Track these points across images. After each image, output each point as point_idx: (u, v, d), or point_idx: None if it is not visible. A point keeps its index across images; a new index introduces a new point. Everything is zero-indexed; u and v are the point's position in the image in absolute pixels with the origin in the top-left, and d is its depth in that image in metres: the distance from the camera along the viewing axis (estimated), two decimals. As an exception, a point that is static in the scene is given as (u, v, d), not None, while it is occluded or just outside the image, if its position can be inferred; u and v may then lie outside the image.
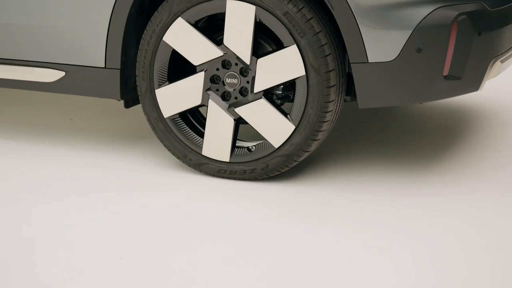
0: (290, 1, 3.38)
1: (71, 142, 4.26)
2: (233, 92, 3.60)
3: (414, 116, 4.77)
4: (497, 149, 4.16)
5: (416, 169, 3.84)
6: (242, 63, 3.54)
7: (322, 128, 3.49)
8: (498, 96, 5.19)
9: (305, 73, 3.42)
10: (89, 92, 3.86)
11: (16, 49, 3.91)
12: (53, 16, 3.77)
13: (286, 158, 3.57)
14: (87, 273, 2.85)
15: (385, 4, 3.28)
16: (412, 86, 3.36)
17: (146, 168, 3.87)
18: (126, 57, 3.76)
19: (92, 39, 3.73)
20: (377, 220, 3.29)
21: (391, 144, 4.23)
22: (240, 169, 3.65)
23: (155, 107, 3.71)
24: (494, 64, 3.45)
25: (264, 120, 3.55)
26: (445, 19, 3.27)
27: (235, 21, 3.48)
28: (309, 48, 3.39)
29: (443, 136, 4.38)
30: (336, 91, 3.46)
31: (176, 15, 3.56)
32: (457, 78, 3.36)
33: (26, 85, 3.97)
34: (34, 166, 3.91)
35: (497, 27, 3.42)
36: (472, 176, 3.76)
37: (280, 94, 3.60)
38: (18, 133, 4.41)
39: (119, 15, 3.64)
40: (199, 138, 3.70)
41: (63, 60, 3.84)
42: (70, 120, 4.69)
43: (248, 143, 3.67)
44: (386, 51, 3.31)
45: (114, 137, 4.34)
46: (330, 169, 3.84)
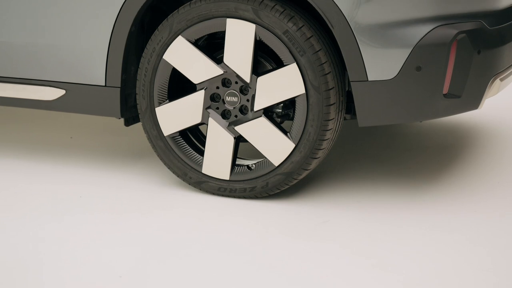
0: (290, 20, 3.39)
1: (71, 160, 4.26)
2: (233, 110, 3.60)
3: (413, 134, 4.77)
4: (497, 167, 4.16)
5: (416, 187, 3.84)
6: (242, 81, 3.55)
7: (322, 146, 3.49)
8: (498, 114, 5.20)
9: (305, 91, 3.43)
10: (89, 110, 3.86)
11: (17, 67, 3.92)
12: (53, 34, 3.78)
13: (286, 176, 3.57)
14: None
15: (385, 22, 3.29)
16: (412, 104, 3.36)
17: (146, 186, 3.87)
18: (126, 75, 3.77)
19: (92, 57, 3.74)
20: (376, 239, 3.28)
21: (391, 162, 4.23)
22: (240, 187, 3.65)
23: (155, 125, 3.72)
24: (494, 82, 3.46)
25: (264, 138, 3.55)
26: (445, 37, 3.28)
27: (235, 39, 3.49)
28: (309, 66, 3.40)
29: (443, 154, 4.38)
30: (336, 109, 3.46)
31: (176, 33, 3.57)
32: (456, 96, 3.36)
33: (27, 103, 3.97)
34: (34, 183, 3.90)
35: (496, 45, 3.43)
36: (472, 194, 3.76)
37: (280, 112, 3.60)
38: (18, 151, 4.41)
39: (119, 33, 3.65)
40: (199, 156, 3.70)
41: (64, 78, 3.84)
42: (70, 138, 4.70)
43: (248, 161, 3.67)
44: (385, 70, 3.32)
45: (114, 155, 4.34)
46: (330, 188, 3.84)
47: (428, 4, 3.29)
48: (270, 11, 3.40)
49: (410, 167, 4.15)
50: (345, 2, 3.29)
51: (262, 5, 3.41)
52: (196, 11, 3.52)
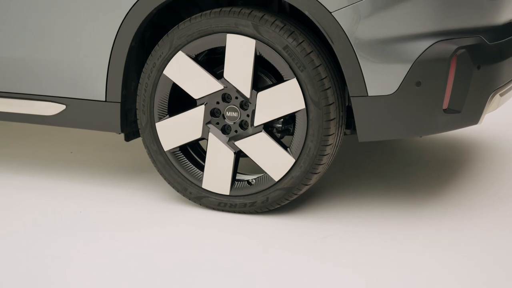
0: (290, 35, 3.40)
1: (71, 175, 4.26)
2: (233, 125, 3.60)
3: (413, 149, 4.77)
4: (497, 182, 4.16)
5: (416, 202, 3.84)
6: (242, 97, 3.55)
7: (322, 161, 3.49)
8: (498, 129, 5.20)
9: (305, 106, 3.43)
10: (89, 125, 3.86)
11: (17, 82, 3.93)
12: (53, 50, 3.79)
13: (286, 191, 3.57)
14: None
15: (385, 38, 3.30)
16: (412, 119, 3.36)
17: (146, 201, 3.86)
18: (126, 91, 3.77)
19: (92, 73, 3.74)
20: (376, 255, 3.27)
21: (391, 177, 4.23)
22: (240, 202, 3.65)
23: (155, 140, 3.72)
24: (494, 97, 3.47)
25: (264, 154, 3.55)
26: (445, 53, 3.28)
27: (235, 54, 3.49)
28: (309, 81, 3.40)
29: (443, 169, 4.38)
30: (336, 125, 3.46)
31: (176, 48, 3.58)
32: (456, 112, 3.37)
33: (27, 119, 3.98)
34: (34, 199, 3.90)
35: (496, 60, 3.44)
36: (472, 210, 3.75)
37: (280, 127, 3.60)
38: (18, 166, 4.41)
39: (120, 48, 3.66)
40: (199, 171, 3.70)
41: (64, 93, 3.85)
42: (70, 153, 4.70)
43: (248, 176, 3.67)
44: (385, 85, 3.33)
45: (114, 170, 4.34)
46: (330, 203, 3.83)
47: (428, 19, 3.30)
48: (270, 27, 3.41)
49: (410, 182, 4.15)
50: (345, 17, 3.30)
51: (262, 20, 3.42)
52: (196, 26, 3.53)
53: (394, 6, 3.28)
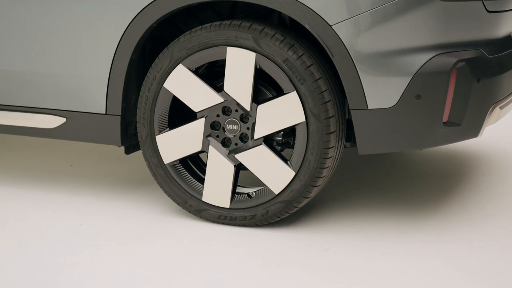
0: (290, 48, 3.41)
1: (71, 188, 4.26)
2: (234, 138, 3.61)
3: (413, 162, 4.77)
4: (498, 195, 4.16)
5: (416, 215, 3.84)
6: (242, 110, 3.56)
7: (322, 174, 3.49)
8: (498, 141, 5.20)
9: (305, 119, 3.43)
10: (89, 138, 3.87)
11: (17, 95, 3.93)
12: (54, 63, 3.80)
13: (286, 204, 3.57)
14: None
15: (385, 51, 3.30)
16: (412, 132, 3.37)
17: (146, 214, 3.86)
18: (126, 104, 3.78)
19: (93, 86, 3.75)
20: (376, 268, 3.27)
21: (391, 190, 4.23)
22: (240, 215, 3.65)
23: (155, 153, 3.72)
24: (493, 110, 3.47)
25: (264, 166, 3.55)
26: (444, 66, 3.29)
27: (235, 67, 3.50)
28: (309, 94, 3.41)
29: (443, 182, 4.38)
30: (336, 137, 3.47)
31: (176, 62, 3.59)
32: (456, 125, 3.37)
33: (27, 131, 3.98)
34: (34, 212, 3.90)
35: (496, 73, 3.44)
36: (473, 223, 3.75)
37: (280, 140, 3.60)
38: (18, 179, 4.41)
39: (120, 62, 3.67)
40: (199, 184, 3.70)
41: (64, 106, 3.85)
42: (70, 165, 4.70)
43: (248, 189, 3.67)
44: (385, 98, 3.33)
45: (114, 183, 4.34)
46: (330, 216, 3.83)
47: (428, 32, 3.31)
48: (270, 40, 3.42)
49: (410, 195, 4.15)
50: (345, 30, 3.31)
51: (263, 33, 3.43)
52: (197, 39, 3.53)
53: (394, 19, 3.28)
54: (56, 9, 3.73)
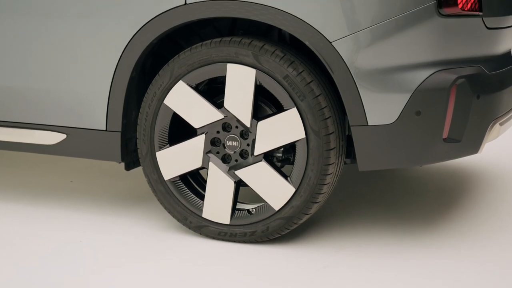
0: (290, 65, 3.42)
1: (72, 204, 4.25)
2: (234, 154, 3.61)
3: (413, 178, 4.77)
4: (498, 212, 4.15)
5: (416, 232, 3.83)
6: (242, 126, 3.56)
7: (322, 190, 3.49)
8: (498, 158, 5.20)
9: (305, 135, 3.44)
10: (90, 154, 3.87)
11: (17, 111, 3.93)
12: (54, 79, 3.80)
13: (287, 221, 3.56)
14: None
15: (384, 67, 3.31)
16: (412, 148, 3.37)
17: (146, 230, 3.86)
18: (127, 120, 3.78)
19: (93, 102, 3.75)
20: (376, 285, 3.26)
21: (391, 206, 4.22)
22: (241, 231, 3.64)
23: (155, 169, 3.72)
24: (493, 126, 3.47)
25: (264, 183, 3.55)
26: (444, 82, 3.29)
27: (235, 84, 3.50)
28: (309, 111, 3.41)
29: (443, 198, 4.38)
30: (336, 154, 3.47)
31: (177, 78, 3.59)
32: (456, 141, 3.37)
33: (27, 148, 3.98)
34: (34, 228, 3.89)
35: (496, 90, 3.45)
36: (473, 240, 3.74)
37: (281, 156, 3.61)
38: (17, 195, 4.40)
39: (120, 78, 3.67)
40: (200, 200, 3.70)
41: (64, 122, 3.86)
42: (70, 182, 4.70)
43: (249, 206, 3.67)
44: (385, 114, 3.33)
45: (114, 199, 4.34)
46: (330, 232, 3.83)
47: (428, 49, 3.32)
48: (270, 56, 3.43)
49: (410, 211, 4.14)
50: (345, 47, 3.31)
51: (263, 50, 3.44)
52: (197, 56, 3.54)
53: (393, 36, 3.29)
54: (56, 25, 3.74)
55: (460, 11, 3.32)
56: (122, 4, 3.60)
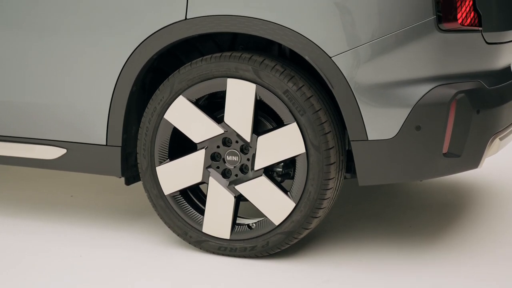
0: (290, 80, 3.42)
1: (72, 219, 4.25)
2: (234, 169, 3.61)
3: (414, 192, 4.77)
4: (499, 227, 4.15)
5: (417, 247, 3.83)
6: (242, 141, 3.56)
7: (322, 205, 3.49)
8: (498, 173, 5.20)
9: (305, 150, 3.44)
10: (90, 169, 3.87)
11: (18, 126, 3.94)
12: (54, 94, 3.81)
13: (287, 236, 3.56)
14: None
15: (384, 82, 3.31)
16: (412, 163, 3.37)
17: (146, 245, 3.85)
18: (127, 135, 3.78)
19: (93, 117, 3.76)
20: (379, 298, 3.26)
21: (392, 221, 4.22)
22: (241, 246, 3.64)
23: (155, 184, 3.72)
24: (493, 141, 3.47)
25: (264, 198, 3.55)
26: (444, 97, 3.30)
27: (235, 99, 3.51)
28: (309, 126, 3.41)
29: (444, 212, 4.37)
30: (336, 169, 3.47)
31: (177, 93, 3.60)
32: (456, 156, 3.37)
33: (27, 162, 3.98)
34: (34, 243, 3.89)
35: (495, 105, 3.45)
36: (474, 255, 3.73)
37: (281, 171, 3.61)
38: (18, 210, 4.40)
39: (120, 93, 3.68)
40: (200, 215, 3.70)
41: (64, 137, 3.86)
42: (70, 196, 4.69)
43: (249, 220, 3.66)
44: (385, 129, 3.34)
45: (114, 214, 4.34)
46: (331, 247, 3.82)
47: (427, 64, 3.32)
48: (270, 71, 3.43)
49: (411, 226, 4.14)
50: (345, 62, 3.32)
51: (263, 65, 3.44)
52: (197, 71, 3.55)
53: (393, 50, 3.30)
54: (56, 41, 3.75)
55: (459, 26, 3.32)
56: (122, 19, 3.61)
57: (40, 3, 3.75)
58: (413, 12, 3.28)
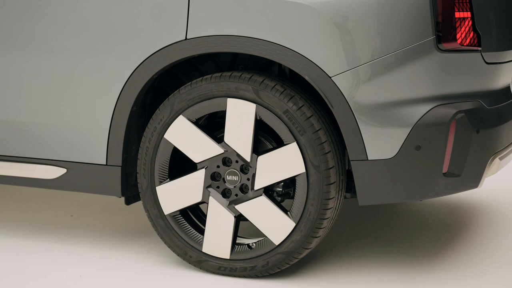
0: (290, 100, 3.43)
1: (71, 238, 4.24)
2: (234, 189, 3.61)
3: (414, 212, 4.76)
4: (499, 247, 4.14)
5: (417, 267, 3.82)
6: (242, 161, 3.56)
7: (322, 225, 3.49)
8: (498, 192, 5.20)
9: (305, 170, 3.44)
10: (90, 189, 3.87)
11: (18, 146, 3.94)
12: (54, 114, 3.81)
13: (287, 255, 3.55)
14: None
15: (384, 102, 3.32)
16: (412, 183, 3.37)
17: (146, 265, 3.84)
18: (127, 154, 3.79)
19: (94, 137, 3.76)
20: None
21: (392, 240, 4.21)
22: (241, 266, 3.63)
23: (155, 204, 3.72)
24: (493, 161, 3.48)
25: (264, 217, 3.55)
26: (444, 117, 3.30)
27: (235, 119, 3.51)
28: (309, 145, 3.42)
29: (444, 232, 4.37)
30: (336, 188, 3.47)
31: (177, 113, 3.60)
32: (456, 175, 3.37)
33: (28, 182, 3.98)
34: (34, 263, 3.88)
35: (495, 124, 3.46)
36: (474, 275, 3.73)
37: (281, 191, 3.60)
38: (17, 230, 4.40)
39: (121, 113, 3.68)
40: (199, 235, 3.69)
41: (65, 157, 3.86)
42: (70, 216, 4.69)
43: (249, 240, 3.66)
44: (385, 149, 3.34)
45: (114, 234, 4.33)
46: (331, 266, 3.81)
47: (427, 84, 3.33)
48: (270, 91, 3.44)
49: (411, 245, 4.13)
50: (345, 82, 3.33)
51: (263, 85, 3.45)
52: (197, 91, 3.56)
53: (393, 70, 3.31)
54: (56, 61, 3.76)
55: (459, 46, 3.33)
56: (123, 39, 3.62)
57: (40, 23, 3.76)
58: (413, 32, 3.30)
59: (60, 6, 3.73)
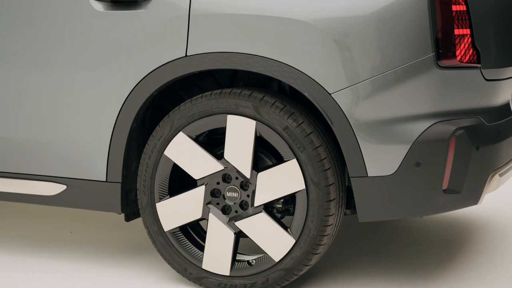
0: (290, 116, 3.43)
1: (71, 255, 4.24)
2: (234, 205, 3.61)
3: (414, 228, 4.76)
4: (500, 264, 4.13)
5: (417, 283, 3.81)
6: (242, 177, 3.56)
7: (322, 242, 3.48)
8: (498, 209, 5.20)
9: (305, 187, 3.44)
10: (90, 205, 3.86)
11: (18, 162, 3.94)
12: (54, 130, 3.81)
13: (287, 272, 3.55)
14: None
15: (384, 119, 3.32)
16: (412, 200, 3.37)
17: (145, 282, 3.84)
18: (127, 171, 3.78)
19: (93, 153, 3.76)
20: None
21: (392, 257, 4.21)
22: (241, 283, 3.62)
23: (155, 220, 3.72)
24: (493, 177, 3.47)
25: (264, 234, 3.54)
26: (443, 133, 3.31)
27: (235, 135, 3.52)
28: (309, 162, 3.42)
29: (444, 249, 4.36)
30: (336, 205, 3.46)
31: (177, 129, 3.61)
32: (456, 192, 3.37)
33: (27, 199, 3.98)
34: (33, 280, 3.87)
35: (495, 141, 3.46)
36: (474, 291, 3.73)
37: (281, 207, 3.60)
38: (16, 246, 4.39)
39: (121, 129, 3.68)
40: (199, 251, 3.69)
41: (64, 173, 3.86)
42: (70, 233, 4.68)
43: (249, 257, 3.65)
44: (385, 165, 3.34)
45: (113, 250, 4.33)
46: (331, 283, 3.81)
47: (426, 100, 3.33)
48: (270, 108, 3.44)
49: (411, 262, 4.13)
50: (345, 99, 3.33)
51: (263, 101, 3.46)
52: (197, 107, 3.56)
53: (393, 87, 3.31)
54: (56, 77, 3.76)
55: (458, 63, 3.34)
56: (123, 56, 3.63)
57: (40, 39, 3.77)
58: (412, 49, 3.30)
59: (60, 22, 3.74)
